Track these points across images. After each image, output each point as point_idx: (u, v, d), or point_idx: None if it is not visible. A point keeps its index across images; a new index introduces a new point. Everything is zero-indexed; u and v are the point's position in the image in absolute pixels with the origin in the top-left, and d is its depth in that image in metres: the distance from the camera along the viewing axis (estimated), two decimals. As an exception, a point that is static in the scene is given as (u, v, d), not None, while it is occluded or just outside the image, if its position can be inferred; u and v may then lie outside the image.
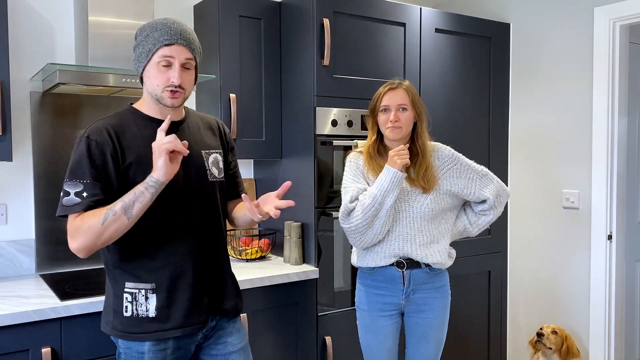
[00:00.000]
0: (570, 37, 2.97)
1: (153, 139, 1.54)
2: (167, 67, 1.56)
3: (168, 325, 1.58)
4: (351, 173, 2.08)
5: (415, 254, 2.03)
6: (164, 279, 1.59)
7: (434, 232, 2.06)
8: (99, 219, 1.46)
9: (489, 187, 2.11)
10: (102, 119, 1.61)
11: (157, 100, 1.60)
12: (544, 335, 2.83)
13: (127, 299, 1.58)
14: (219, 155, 1.74)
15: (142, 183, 1.48)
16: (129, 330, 1.58)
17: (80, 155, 1.53)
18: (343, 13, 2.55)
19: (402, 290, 2.06)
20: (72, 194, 1.50)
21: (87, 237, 1.47)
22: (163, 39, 1.55)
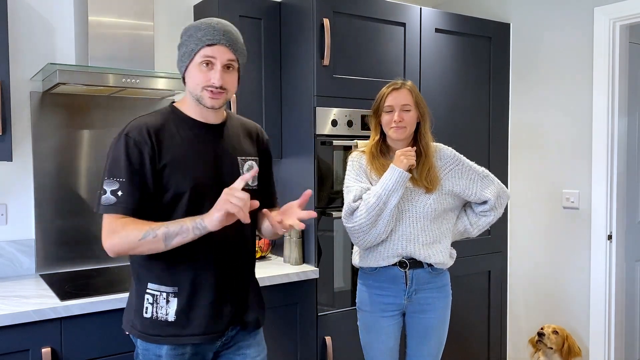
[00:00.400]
0: (570, 37, 2.97)
1: (190, 140, 1.55)
2: (209, 68, 1.53)
3: (186, 331, 1.55)
4: (354, 172, 2.08)
5: (419, 254, 2.03)
6: (186, 284, 1.55)
7: (436, 232, 2.07)
8: (138, 234, 1.44)
9: (489, 188, 2.12)
10: (142, 117, 1.59)
11: (198, 101, 1.56)
12: (545, 335, 2.83)
13: (148, 300, 1.56)
14: (254, 163, 1.69)
15: (191, 220, 1.45)
16: (148, 332, 1.56)
17: (118, 153, 1.52)
18: (343, 13, 2.55)
19: (405, 290, 2.06)
20: (108, 192, 1.49)
21: (122, 244, 1.47)
22: (205, 39, 1.52)
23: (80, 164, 2.49)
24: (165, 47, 2.71)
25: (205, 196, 1.54)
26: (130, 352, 2.01)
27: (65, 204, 2.46)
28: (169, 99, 2.71)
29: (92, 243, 2.52)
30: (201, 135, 1.59)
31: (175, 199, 1.53)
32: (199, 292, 1.57)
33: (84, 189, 2.50)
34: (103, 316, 1.97)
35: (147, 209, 1.51)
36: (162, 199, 1.53)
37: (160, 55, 2.67)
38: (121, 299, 1.98)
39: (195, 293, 1.56)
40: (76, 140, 2.48)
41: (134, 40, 2.33)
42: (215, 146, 1.60)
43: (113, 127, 2.56)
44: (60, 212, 2.45)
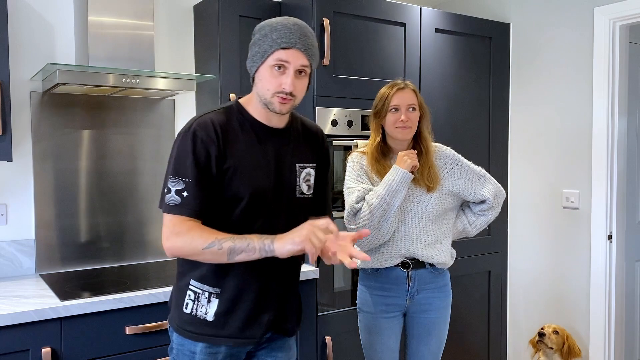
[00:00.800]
0: (570, 37, 2.97)
1: (253, 144, 1.52)
2: (281, 72, 1.47)
3: (222, 332, 1.54)
4: (355, 173, 2.07)
5: (421, 254, 2.04)
6: (230, 288, 1.53)
7: (438, 232, 2.08)
8: (202, 242, 1.41)
9: (487, 187, 2.13)
10: (208, 113, 1.53)
11: (265, 105, 1.51)
12: (546, 335, 2.82)
13: (190, 296, 1.55)
14: (312, 170, 1.64)
15: (259, 240, 1.41)
16: (185, 327, 1.55)
17: (184, 151, 1.46)
18: (343, 13, 2.55)
19: (407, 290, 2.06)
20: (173, 192, 1.46)
21: (183, 249, 1.44)
22: (281, 41, 1.45)
23: (80, 164, 2.49)
24: (165, 47, 2.71)
25: (262, 202, 1.53)
26: (130, 352, 2.02)
27: (65, 204, 2.46)
28: (169, 99, 2.71)
29: (92, 243, 2.52)
30: (264, 140, 1.55)
31: (233, 203, 1.51)
32: (241, 298, 1.55)
33: (84, 189, 2.50)
34: (103, 316, 1.97)
35: (209, 210, 1.48)
36: (221, 200, 1.50)
37: (160, 55, 2.67)
38: (121, 299, 1.98)
39: (237, 298, 1.54)
40: (76, 140, 2.48)
41: (134, 40, 2.33)
42: (276, 152, 1.56)
43: (113, 127, 2.57)
44: (60, 212, 2.45)
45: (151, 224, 2.67)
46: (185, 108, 2.78)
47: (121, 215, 2.59)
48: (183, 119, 2.77)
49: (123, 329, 2.00)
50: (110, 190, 2.57)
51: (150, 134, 2.66)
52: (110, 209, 2.57)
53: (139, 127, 2.63)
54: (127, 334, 2.01)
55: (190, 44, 2.80)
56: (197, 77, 2.43)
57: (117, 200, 2.58)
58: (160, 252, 2.70)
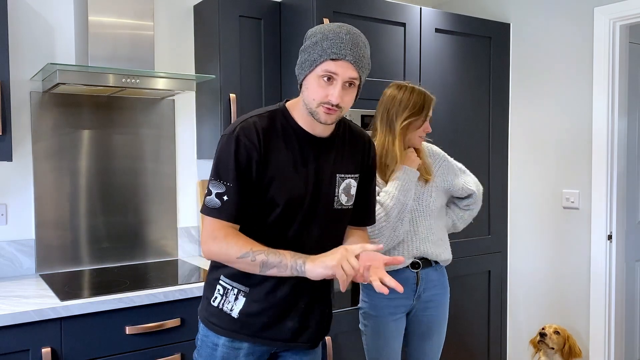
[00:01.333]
0: (570, 37, 2.97)
1: (295, 152, 1.51)
2: (329, 83, 1.44)
3: (244, 331, 1.55)
4: None
5: (430, 253, 2.07)
6: (259, 290, 1.54)
7: (440, 230, 2.12)
8: (237, 251, 1.44)
9: (471, 181, 2.19)
10: (252, 117, 1.52)
11: (310, 114, 1.49)
12: (547, 335, 2.82)
13: (219, 290, 1.57)
14: (353, 181, 1.61)
15: (292, 258, 1.42)
16: (211, 320, 1.58)
17: (227, 154, 1.47)
18: (343, 13, 2.55)
19: (414, 290, 2.07)
20: (213, 194, 1.47)
21: (219, 254, 1.47)
22: (331, 52, 1.42)
23: (80, 164, 2.49)
24: (165, 47, 2.71)
25: (298, 211, 1.52)
26: (130, 352, 2.02)
27: (65, 204, 2.46)
28: (169, 99, 2.71)
29: (92, 243, 2.52)
30: (305, 148, 1.53)
31: (268, 209, 1.50)
32: (267, 302, 1.55)
33: (84, 189, 2.50)
34: (103, 316, 1.96)
35: (246, 214, 1.50)
36: (258, 205, 1.50)
37: (160, 55, 2.67)
38: (121, 299, 1.98)
39: (264, 301, 1.54)
40: (76, 140, 2.48)
41: (134, 40, 2.33)
42: (317, 162, 1.54)
43: (113, 127, 2.57)
44: (60, 212, 2.45)
45: (151, 224, 2.67)
46: (185, 108, 2.78)
47: (121, 215, 2.59)
48: (183, 119, 2.77)
49: (123, 329, 2.00)
50: (110, 190, 2.57)
51: (150, 134, 2.66)
52: (110, 209, 2.57)
53: (139, 127, 2.63)
54: (127, 334, 2.01)
55: (190, 44, 2.80)
56: (197, 77, 2.43)
57: (117, 200, 2.58)
58: (160, 252, 2.70)
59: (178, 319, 2.09)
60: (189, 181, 2.80)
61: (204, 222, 1.50)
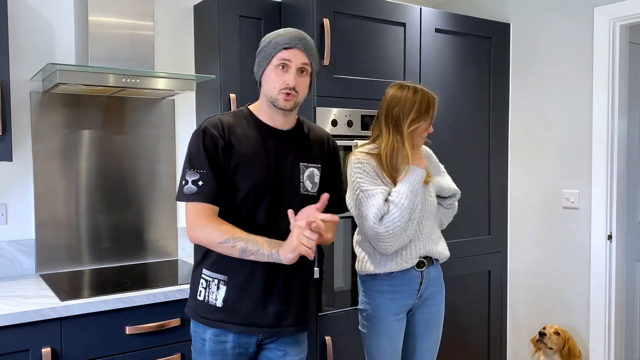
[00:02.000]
0: (570, 37, 2.97)
1: (257, 143, 1.67)
2: (284, 71, 1.63)
3: (231, 318, 1.65)
4: (368, 175, 2.00)
5: (434, 252, 2.10)
6: (238, 276, 1.65)
7: (437, 228, 2.17)
8: (219, 237, 1.57)
9: (451, 181, 2.24)
10: (219, 115, 1.71)
11: (272, 103, 1.66)
12: (546, 335, 2.83)
13: (202, 284, 1.69)
14: (316, 170, 1.75)
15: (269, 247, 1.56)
16: (199, 314, 1.68)
17: (197, 146, 1.62)
18: (343, 13, 2.55)
19: (418, 289, 2.08)
20: (190, 182, 1.61)
21: (202, 239, 1.61)
22: (283, 43, 1.63)
23: (80, 164, 2.49)
24: (165, 47, 2.71)
25: (262, 197, 1.65)
26: (130, 352, 2.02)
27: (65, 204, 2.46)
28: (169, 99, 2.71)
29: (92, 243, 2.52)
30: (268, 140, 1.69)
31: (236, 194, 1.64)
32: (247, 286, 1.65)
33: (84, 189, 2.50)
34: (103, 316, 1.96)
35: (222, 198, 1.63)
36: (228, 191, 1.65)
37: (160, 55, 2.67)
38: (121, 299, 1.98)
39: (244, 285, 1.65)
40: (76, 140, 2.48)
41: (134, 40, 2.33)
42: (279, 151, 1.69)
43: (113, 127, 2.57)
44: (60, 212, 2.45)
45: (151, 224, 2.67)
46: (185, 108, 2.78)
47: (121, 215, 2.59)
48: (183, 119, 2.77)
49: (123, 329, 2.00)
50: (110, 190, 2.57)
51: (150, 134, 2.66)
52: (110, 209, 2.57)
53: (139, 127, 2.63)
54: (127, 334, 2.01)
55: (190, 44, 2.80)
56: (197, 77, 2.43)
57: (117, 200, 2.58)
58: (160, 252, 2.70)
59: (178, 319, 2.09)
60: (189, 181, 2.80)
61: (187, 209, 1.63)
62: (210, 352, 1.67)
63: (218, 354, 1.66)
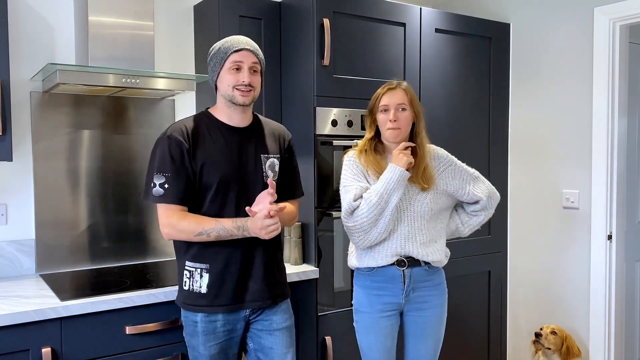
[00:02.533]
0: (570, 37, 2.97)
1: (219, 141, 1.83)
2: (238, 71, 1.81)
3: (216, 302, 1.82)
4: (351, 172, 2.09)
5: (417, 253, 2.05)
6: (217, 262, 1.82)
7: (432, 232, 2.10)
8: (193, 229, 1.76)
9: (481, 188, 2.17)
10: (180, 120, 1.87)
11: (230, 101, 1.83)
12: (542, 336, 2.83)
13: (187, 275, 1.85)
14: (275, 160, 1.94)
15: (237, 224, 1.78)
16: (187, 302, 1.85)
17: (163, 151, 1.78)
18: (343, 13, 2.55)
19: (402, 289, 2.07)
20: (157, 186, 1.77)
21: (177, 236, 1.79)
22: (233, 47, 1.80)
23: (80, 163, 2.49)
24: (165, 47, 2.71)
25: (229, 189, 1.83)
26: (130, 352, 2.02)
27: (65, 204, 2.46)
28: (169, 99, 2.71)
29: (92, 243, 2.52)
30: (229, 137, 1.85)
31: (204, 190, 1.81)
32: (228, 270, 1.83)
33: (84, 189, 2.50)
34: (103, 316, 1.97)
35: (190, 196, 1.80)
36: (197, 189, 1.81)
37: (160, 55, 2.67)
38: (121, 299, 1.98)
39: (224, 270, 1.83)
40: (76, 140, 2.48)
41: (134, 40, 2.33)
42: (240, 146, 1.86)
43: (113, 127, 2.57)
44: (60, 212, 2.45)
45: (151, 224, 2.67)
46: (185, 108, 2.77)
47: (121, 215, 2.59)
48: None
49: (123, 329, 2.00)
50: (110, 190, 2.57)
51: (150, 134, 2.66)
52: (110, 209, 2.57)
53: (139, 127, 2.63)
54: (127, 334, 2.01)
55: (190, 44, 2.80)
56: (197, 77, 2.43)
57: (117, 200, 2.58)
58: (160, 252, 2.70)
59: (178, 319, 2.09)
60: (189, 181, 2.80)
61: (158, 210, 1.80)
62: (202, 332, 1.82)
63: (210, 332, 1.83)
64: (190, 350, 1.88)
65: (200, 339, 1.83)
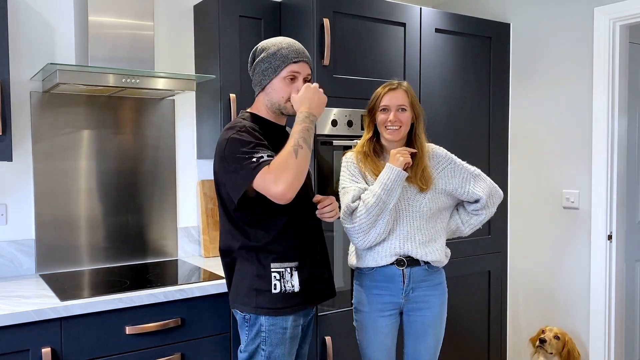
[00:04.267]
0: (570, 37, 2.97)
1: (273, 136, 1.81)
2: (292, 81, 1.79)
3: (307, 299, 1.83)
4: (349, 173, 2.09)
5: (416, 252, 2.05)
6: (304, 257, 1.84)
7: (432, 231, 2.09)
8: (291, 156, 1.64)
9: (481, 186, 2.15)
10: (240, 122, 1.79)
11: (279, 110, 1.83)
12: (547, 342, 2.81)
13: (275, 277, 1.79)
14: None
15: (304, 121, 1.71)
16: (276, 306, 1.77)
17: (246, 138, 1.70)
18: (343, 13, 2.55)
19: (402, 288, 2.07)
20: (260, 157, 1.66)
21: (292, 174, 1.63)
22: (292, 57, 1.78)
23: (80, 163, 2.49)
24: (165, 47, 2.71)
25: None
26: (130, 352, 2.02)
27: (65, 203, 2.46)
28: (169, 99, 2.71)
29: (92, 243, 2.52)
30: (278, 135, 1.85)
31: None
32: (311, 264, 1.86)
33: (84, 189, 2.50)
34: (103, 316, 1.97)
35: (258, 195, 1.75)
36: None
37: (160, 55, 2.67)
38: (121, 299, 1.98)
39: (309, 265, 1.85)
40: (76, 140, 2.48)
41: (134, 40, 2.33)
42: (284, 140, 1.76)
43: (113, 127, 2.57)
44: (60, 212, 2.45)
45: (151, 224, 2.67)
46: (185, 108, 2.78)
47: (121, 215, 2.59)
48: (183, 119, 2.77)
49: (123, 329, 2.00)
50: (110, 190, 2.57)
51: (150, 134, 2.66)
52: (110, 209, 2.57)
53: (139, 127, 2.63)
54: (127, 334, 2.01)
55: (190, 44, 2.80)
56: (197, 77, 2.43)
57: (117, 200, 2.58)
58: (160, 252, 2.70)
59: (178, 319, 2.10)
60: (189, 181, 2.80)
61: (257, 180, 1.64)
62: (289, 338, 1.80)
63: (295, 338, 1.83)
64: None
65: (287, 348, 1.80)
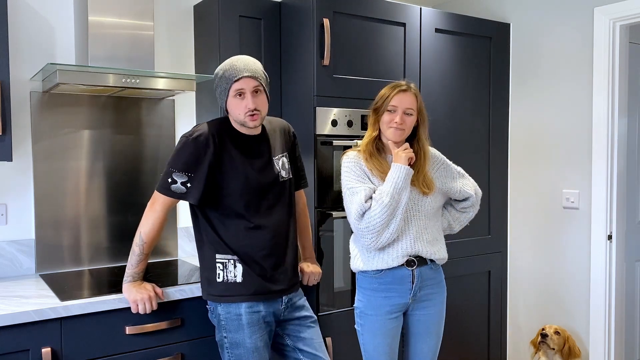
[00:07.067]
0: (570, 37, 2.97)
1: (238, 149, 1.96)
2: (242, 97, 1.91)
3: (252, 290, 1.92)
4: (354, 173, 2.07)
5: (425, 252, 2.07)
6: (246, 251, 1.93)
7: (434, 230, 2.13)
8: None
9: (469, 184, 2.23)
10: (204, 123, 1.97)
11: (242, 125, 1.96)
12: (548, 336, 2.82)
13: (219, 267, 1.94)
14: (285, 158, 2.08)
15: None
16: (223, 294, 1.93)
17: (187, 151, 1.90)
18: (343, 13, 2.55)
19: (410, 289, 2.07)
20: (179, 183, 1.89)
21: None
22: (232, 76, 1.90)
23: (80, 163, 2.49)
24: (165, 47, 2.71)
25: (250, 190, 1.94)
26: (130, 352, 2.02)
27: (65, 203, 2.46)
28: (169, 99, 2.71)
29: (92, 243, 2.52)
30: (246, 144, 1.98)
31: (227, 192, 1.92)
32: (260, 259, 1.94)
33: (84, 189, 2.50)
34: (103, 316, 1.96)
35: (206, 199, 1.92)
36: (219, 194, 1.93)
37: (160, 55, 2.67)
38: (121, 299, 1.98)
39: (257, 259, 1.93)
40: (76, 140, 2.48)
41: (134, 40, 2.33)
42: (255, 152, 2.00)
43: (113, 127, 2.57)
44: (60, 212, 2.45)
45: (151, 224, 2.67)
46: (185, 108, 2.78)
47: (121, 215, 2.59)
48: (183, 119, 2.77)
49: (123, 329, 2.00)
50: (111, 190, 2.57)
51: (150, 134, 2.66)
52: (110, 208, 2.57)
53: (139, 127, 2.63)
54: (127, 334, 2.01)
55: (190, 44, 2.80)
56: (197, 77, 2.43)
57: (117, 200, 2.58)
58: (160, 252, 2.70)
59: (178, 319, 2.09)
60: (189, 181, 2.80)
61: (155, 198, 1.95)
62: (247, 324, 1.90)
63: (254, 324, 1.91)
64: (233, 349, 1.92)
65: (246, 333, 1.90)
